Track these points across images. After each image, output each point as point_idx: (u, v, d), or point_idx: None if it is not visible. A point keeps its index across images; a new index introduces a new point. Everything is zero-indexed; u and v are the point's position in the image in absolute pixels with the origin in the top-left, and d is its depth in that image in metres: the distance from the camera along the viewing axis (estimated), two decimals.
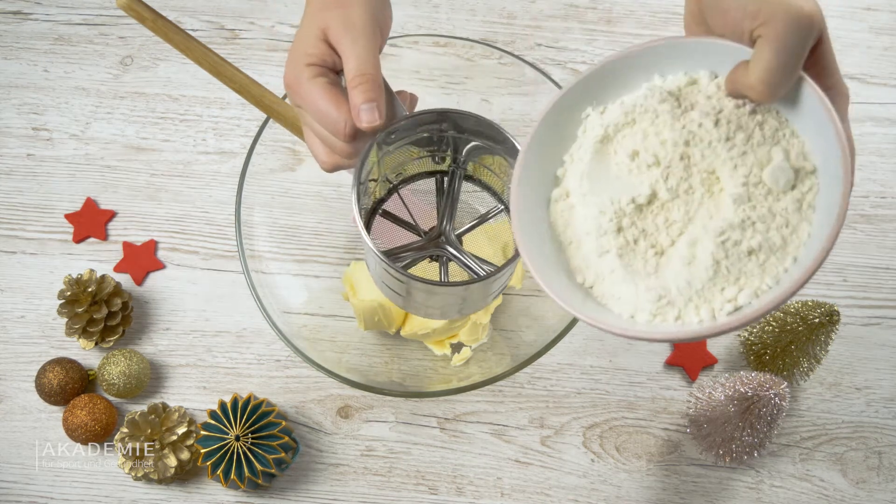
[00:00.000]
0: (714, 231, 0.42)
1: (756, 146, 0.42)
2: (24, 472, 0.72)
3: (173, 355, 0.76)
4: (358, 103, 0.46)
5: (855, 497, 0.72)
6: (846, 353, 0.76)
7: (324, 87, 0.48)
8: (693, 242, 0.42)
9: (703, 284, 0.42)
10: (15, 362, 0.76)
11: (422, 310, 0.58)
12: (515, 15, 0.88)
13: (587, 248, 0.45)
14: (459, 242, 0.60)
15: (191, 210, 0.80)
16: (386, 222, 0.61)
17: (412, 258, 0.59)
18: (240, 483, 0.67)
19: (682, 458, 0.73)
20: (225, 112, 0.84)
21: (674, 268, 0.43)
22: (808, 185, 0.41)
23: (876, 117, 0.84)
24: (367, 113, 0.46)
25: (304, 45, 0.48)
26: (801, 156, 0.42)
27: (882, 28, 0.87)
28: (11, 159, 0.82)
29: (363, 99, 0.46)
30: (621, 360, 0.76)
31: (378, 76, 0.47)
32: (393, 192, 0.61)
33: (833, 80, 0.42)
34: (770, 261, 0.41)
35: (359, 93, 0.46)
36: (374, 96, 0.47)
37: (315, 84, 0.48)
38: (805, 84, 0.41)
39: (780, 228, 0.41)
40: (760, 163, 0.42)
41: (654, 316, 0.42)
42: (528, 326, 0.73)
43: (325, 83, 0.48)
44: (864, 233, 0.80)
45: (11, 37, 0.87)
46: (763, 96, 0.41)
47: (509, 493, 0.72)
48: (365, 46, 0.47)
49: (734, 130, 0.43)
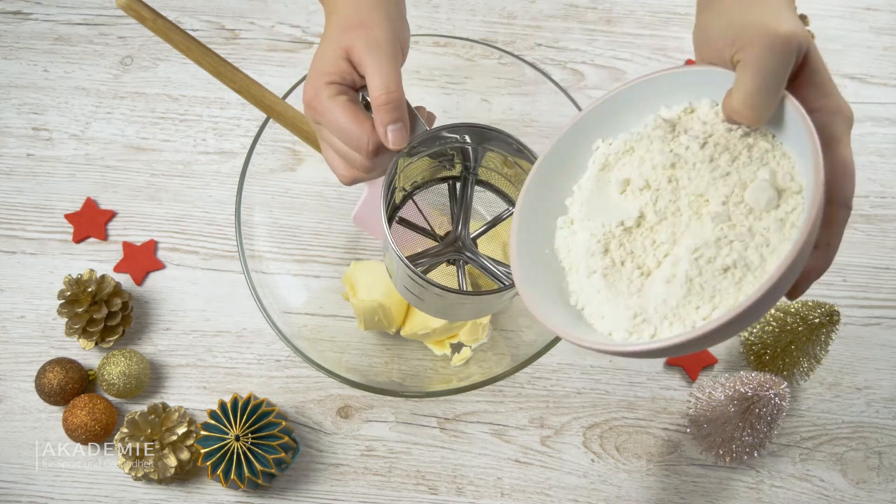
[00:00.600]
0: (688, 249, 0.42)
1: (742, 167, 0.43)
2: (24, 472, 0.72)
3: (173, 355, 0.76)
4: (385, 123, 0.48)
5: (855, 497, 0.72)
6: (846, 353, 0.76)
7: (345, 105, 0.48)
8: (675, 262, 0.43)
9: (678, 301, 0.42)
10: (15, 362, 0.76)
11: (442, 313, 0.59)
12: (515, 15, 0.88)
13: (580, 270, 0.46)
14: (475, 246, 0.61)
15: (191, 210, 0.80)
16: (401, 228, 0.62)
17: (430, 263, 0.60)
18: (240, 483, 0.67)
19: (682, 458, 0.73)
20: (225, 112, 0.84)
21: (656, 287, 0.43)
22: (793, 205, 0.41)
23: (876, 117, 0.84)
24: (395, 133, 0.48)
25: (325, 65, 0.49)
26: (788, 176, 0.42)
27: (882, 28, 0.87)
28: (11, 159, 0.82)
29: (390, 119, 0.47)
30: (621, 361, 0.76)
31: (402, 96, 0.48)
32: (407, 199, 0.61)
33: (830, 101, 0.42)
34: (747, 278, 0.41)
35: (385, 112, 0.47)
36: (400, 116, 0.48)
37: (336, 102, 0.48)
38: (788, 103, 0.41)
39: (760, 247, 0.41)
40: (744, 183, 0.42)
41: (630, 333, 0.42)
42: (528, 326, 0.73)
43: (346, 101, 0.49)
44: (864, 233, 0.80)
45: (11, 37, 0.87)
46: (748, 119, 0.41)
47: (509, 493, 0.72)
48: (389, 65, 0.48)
49: (720, 152, 0.43)
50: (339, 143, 0.50)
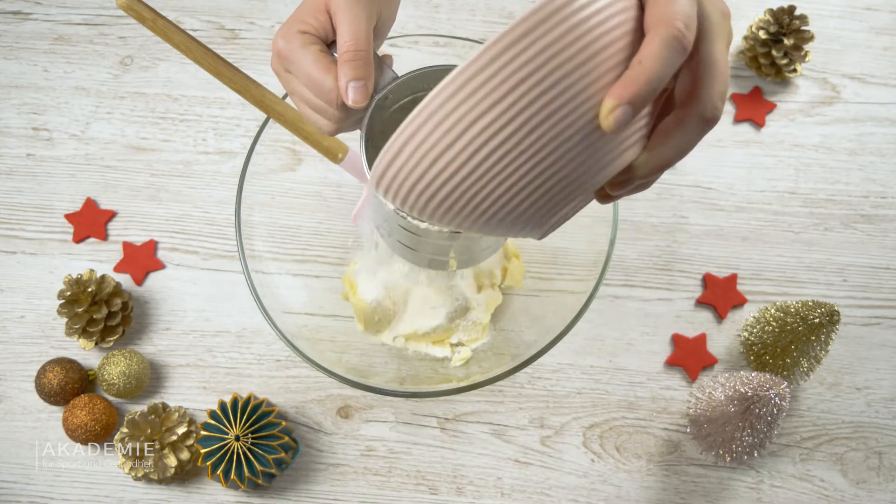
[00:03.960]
0: None
1: None
2: (24, 472, 0.72)
3: (173, 355, 0.76)
4: (349, 79, 0.46)
5: (855, 497, 0.72)
6: (846, 353, 0.76)
7: (316, 55, 0.47)
8: None
9: None
10: (15, 362, 0.76)
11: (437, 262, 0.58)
12: (515, 15, 0.88)
13: None
14: None
15: (191, 210, 0.80)
16: None
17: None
18: (240, 483, 0.67)
19: (682, 458, 0.73)
20: (225, 112, 0.84)
21: None
22: None
23: (876, 117, 0.84)
24: (356, 91, 0.46)
25: (302, 14, 0.48)
26: None
27: (882, 28, 0.87)
28: (11, 159, 0.82)
29: (354, 76, 0.46)
30: (621, 360, 0.76)
31: (370, 53, 0.47)
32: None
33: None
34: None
35: (351, 68, 0.46)
36: (364, 74, 0.46)
37: (308, 51, 0.47)
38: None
39: None
40: None
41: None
42: (528, 326, 0.73)
43: (318, 50, 0.48)
44: (864, 233, 0.80)
45: (11, 37, 0.87)
46: None
47: (509, 493, 0.72)
48: (362, 20, 0.47)
49: None
50: (310, 95, 0.49)
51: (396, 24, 0.81)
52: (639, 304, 0.77)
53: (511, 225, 0.41)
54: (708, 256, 0.79)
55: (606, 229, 0.66)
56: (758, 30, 0.83)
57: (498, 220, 0.41)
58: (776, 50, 0.82)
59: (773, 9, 0.83)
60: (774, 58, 0.83)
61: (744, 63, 0.85)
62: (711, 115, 0.39)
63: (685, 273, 0.78)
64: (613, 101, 0.36)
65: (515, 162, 0.37)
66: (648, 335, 0.76)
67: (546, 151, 0.37)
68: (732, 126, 0.83)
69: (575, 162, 0.38)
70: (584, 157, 0.38)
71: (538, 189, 0.39)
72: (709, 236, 0.79)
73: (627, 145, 0.39)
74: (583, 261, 0.70)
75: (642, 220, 0.80)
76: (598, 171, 0.39)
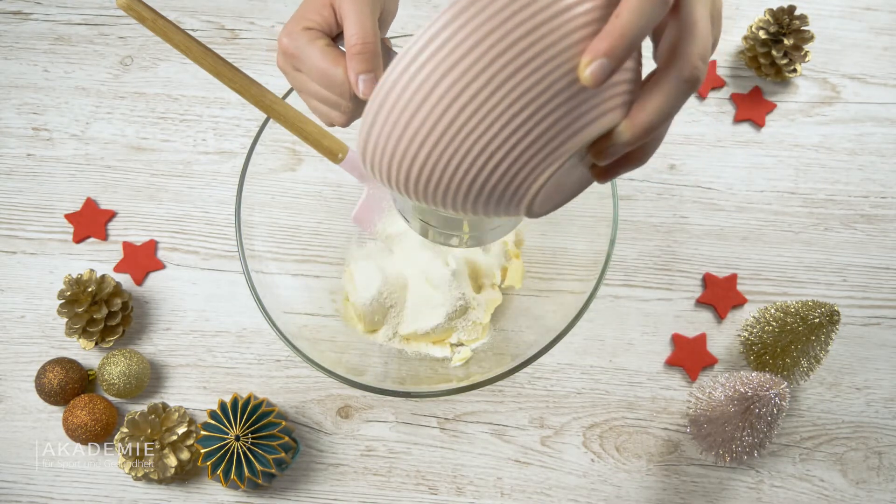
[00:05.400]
0: None
1: None
2: (24, 472, 0.72)
3: (173, 355, 0.76)
4: (358, 72, 0.46)
5: (855, 497, 0.72)
6: (846, 353, 0.76)
7: (324, 49, 0.47)
8: None
9: None
10: (15, 362, 0.76)
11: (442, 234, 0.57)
12: None
13: None
14: None
15: (191, 210, 0.80)
16: None
17: None
18: (240, 483, 0.67)
19: (682, 458, 0.73)
20: (225, 112, 0.84)
21: None
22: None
23: (876, 117, 0.84)
24: (365, 84, 0.46)
25: (307, 10, 0.48)
26: None
27: (882, 28, 0.87)
28: (11, 159, 0.82)
29: (363, 69, 0.46)
30: (621, 360, 0.76)
31: (377, 45, 0.47)
32: None
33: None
34: None
35: (359, 62, 0.46)
36: (373, 66, 0.46)
37: (315, 46, 0.47)
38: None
39: None
40: None
41: None
42: (528, 326, 0.73)
43: (325, 44, 0.48)
44: (864, 233, 0.80)
45: (11, 37, 0.87)
46: None
47: (509, 493, 0.72)
48: (368, 13, 0.47)
49: None
50: (320, 90, 0.49)
51: (396, 24, 0.81)
52: (639, 304, 0.77)
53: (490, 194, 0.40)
54: (708, 256, 0.79)
55: (606, 229, 0.66)
56: (758, 30, 0.83)
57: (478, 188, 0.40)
58: (776, 50, 0.82)
59: (773, 9, 0.83)
60: (774, 58, 0.83)
61: (744, 63, 0.85)
62: (689, 75, 0.38)
63: (685, 273, 0.78)
64: (590, 54, 0.36)
65: (489, 116, 0.37)
66: (648, 335, 0.76)
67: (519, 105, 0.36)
68: (732, 126, 0.83)
69: (550, 118, 0.37)
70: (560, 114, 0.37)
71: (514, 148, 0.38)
72: (709, 236, 0.79)
73: (607, 108, 0.39)
74: (583, 261, 0.70)
75: (642, 220, 0.80)
76: (575, 131, 0.38)
